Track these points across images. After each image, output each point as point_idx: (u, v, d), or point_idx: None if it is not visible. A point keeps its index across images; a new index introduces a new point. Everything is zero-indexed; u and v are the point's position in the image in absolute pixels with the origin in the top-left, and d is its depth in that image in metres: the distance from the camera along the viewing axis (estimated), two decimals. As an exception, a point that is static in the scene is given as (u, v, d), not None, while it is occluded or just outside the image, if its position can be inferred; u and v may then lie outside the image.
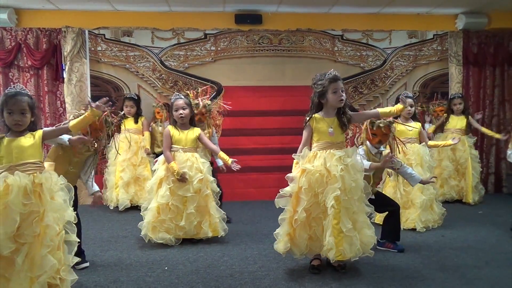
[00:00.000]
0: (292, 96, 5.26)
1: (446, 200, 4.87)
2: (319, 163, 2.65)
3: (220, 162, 3.90)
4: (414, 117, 4.07)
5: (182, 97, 3.57)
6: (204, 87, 4.37)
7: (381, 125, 3.03)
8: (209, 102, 4.11)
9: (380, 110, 2.90)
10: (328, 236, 2.59)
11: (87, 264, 2.91)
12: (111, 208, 4.68)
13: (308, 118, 2.76)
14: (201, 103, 3.99)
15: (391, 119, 3.08)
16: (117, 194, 4.67)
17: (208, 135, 3.91)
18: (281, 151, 5.05)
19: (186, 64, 5.39)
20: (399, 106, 2.91)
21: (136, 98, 4.96)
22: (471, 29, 5.64)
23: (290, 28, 5.50)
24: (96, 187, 3.01)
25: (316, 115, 2.75)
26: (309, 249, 2.76)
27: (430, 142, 4.14)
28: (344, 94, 2.71)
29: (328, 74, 2.70)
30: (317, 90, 2.73)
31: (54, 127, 2.66)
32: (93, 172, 3.00)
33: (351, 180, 2.61)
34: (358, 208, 2.68)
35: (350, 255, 2.60)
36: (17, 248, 2.15)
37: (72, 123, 2.49)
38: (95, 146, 2.89)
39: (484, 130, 5.11)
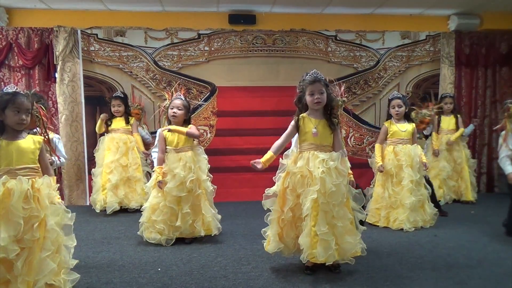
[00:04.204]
0: (286, 96, 5.20)
1: (446, 202, 4.91)
2: (302, 164, 2.65)
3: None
4: (408, 118, 4.08)
5: (182, 98, 3.58)
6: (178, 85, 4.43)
7: None
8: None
9: None
10: (303, 237, 2.59)
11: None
12: (97, 211, 4.52)
13: (296, 118, 2.77)
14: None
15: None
16: (105, 197, 4.48)
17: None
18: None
19: (180, 64, 5.37)
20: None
21: (123, 96, 4.77)
22: (463, 30, 5.68)
23: (284, 28, 5.51)
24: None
25: (304, 114, 2.77)
26: (297, 248, 2.77)
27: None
28: (321, 96, 2.69)
29: (308, 76, 2.71)
30: (298, 91, 2.78)
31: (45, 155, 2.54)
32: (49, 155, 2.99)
33: (332, 184, 2.57)
34: (338, 214, 2.63)
35: (323, 259, 2.57)
36: (18, 252, 2.15)
37: None
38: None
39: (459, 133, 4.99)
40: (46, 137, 2.52)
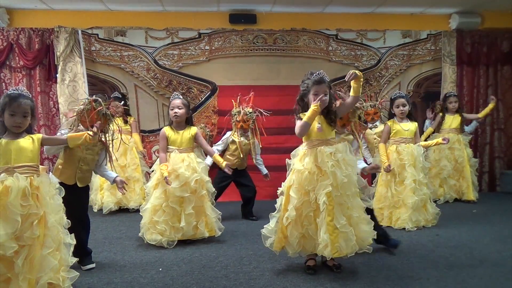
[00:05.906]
0: (286, 95, 5.23)
1: (447, 201, 4.90)
2: (310, 161, 2.65)
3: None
4: (410, 117, 4.06)
5: (181, 97, 3.57)
6: (249, 96, 4.32)
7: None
8: (250, 109, 4.20)
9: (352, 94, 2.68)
10: (323, 233, 2.57)
11: (93, 265, 2.91)
12: (95, 210, 4.54)
13: (298, 115, 2.75)
14: (242, 111, 4.15)
15: (357, 105, 2.93)
16: (101, 197, 4.50)
17: (252, 145, 4.23)
18: (276, 151, 5.03)
19: (180, 64, 5.37)
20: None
21: (121, 96, 4.76)
22: (464, 29, 5.67)
23: (285, 27, 5.50)
24: (113, 174, 3.02)
25: (303, 114, 2.76)
26: (302, 248, 2.76)
27: (422, 143, 4.05)
28: (326, 98, 2.67)
29: (314, 75, 2.70)
30: (301, 88, 2.78)
31: (54, 136, 2.64)
32: (107, 163, 2.99)
33: (343, 176, 2.59)
34: (352, 204, 2.66)
35: (347, 251, 2.58)
36: (17, 250, 2.15)
37: (70, 136, 2.54)
38: (103, 140, 2.88)
39: (482, 113, 5.20)
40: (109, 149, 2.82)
